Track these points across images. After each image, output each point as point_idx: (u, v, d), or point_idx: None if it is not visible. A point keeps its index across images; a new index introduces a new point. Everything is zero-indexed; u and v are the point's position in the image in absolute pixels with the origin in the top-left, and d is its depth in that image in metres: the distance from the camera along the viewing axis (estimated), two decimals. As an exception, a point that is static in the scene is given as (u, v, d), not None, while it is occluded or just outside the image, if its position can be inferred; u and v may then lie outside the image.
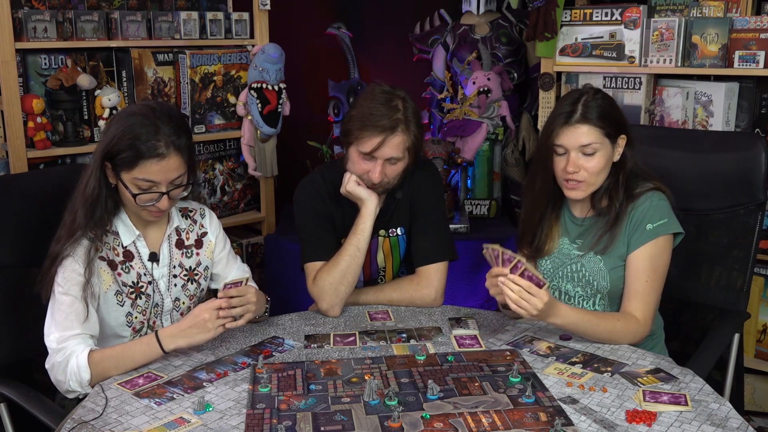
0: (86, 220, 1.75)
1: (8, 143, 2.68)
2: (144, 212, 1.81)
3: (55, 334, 1.71)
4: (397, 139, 1.94)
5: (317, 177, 2.14)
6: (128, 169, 1.73)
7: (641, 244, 1.84)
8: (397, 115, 1.94)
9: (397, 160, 1.97)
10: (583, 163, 1.84)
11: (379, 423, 1.43)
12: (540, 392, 1.55)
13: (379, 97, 1.96)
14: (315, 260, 2.06)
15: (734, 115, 2.65)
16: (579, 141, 1.83)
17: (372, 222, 2.03)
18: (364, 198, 2.02)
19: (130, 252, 1.86)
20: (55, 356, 1.71)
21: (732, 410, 1.47)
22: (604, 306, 1.94)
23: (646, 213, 1.85)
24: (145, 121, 1.73)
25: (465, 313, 2.04)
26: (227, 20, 3.23)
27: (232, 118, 3.27)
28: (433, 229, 2.12)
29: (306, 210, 2.10)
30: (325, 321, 1.99)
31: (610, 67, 2.83)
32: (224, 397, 1.56)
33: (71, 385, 1.68)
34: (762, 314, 2.74)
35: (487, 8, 3.67)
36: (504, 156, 3.58)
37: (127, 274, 1.85)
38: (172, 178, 1.76)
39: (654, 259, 1.84)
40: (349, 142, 1.99)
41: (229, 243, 2.06)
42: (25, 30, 2.66)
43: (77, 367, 1.67)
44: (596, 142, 1.83)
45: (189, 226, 1.97)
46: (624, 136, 1.88)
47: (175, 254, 1.93)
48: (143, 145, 1.71)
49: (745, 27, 2.54)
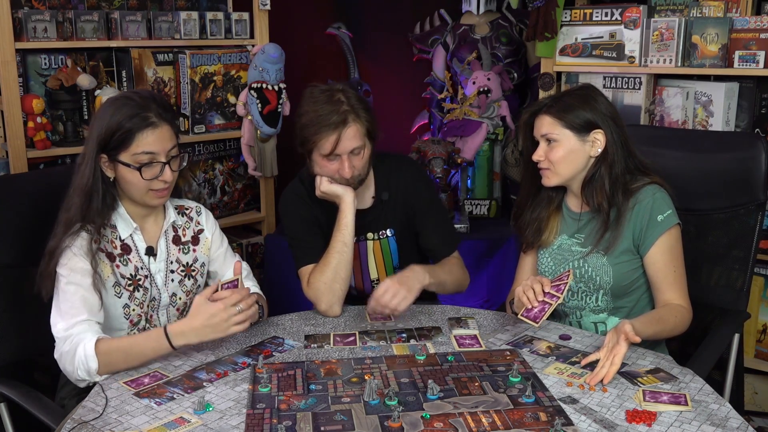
0: (83, 212, 1.76)
1: (8, 143, 2.68)
2: (150, 194, 1.82)
3: (61, 323, 1.71)
4: (352, 130, 1.97)
5: (298, 184, 2.17)
6: (125, 148, 1.76)
7: (657, 236, 1.89)
8: (342, 107, 1.96)
9: (359, 149, 2.00)
10: (546, 152, 1.94)
11: (379, 423, 1.43)
12: (540, 392, 1.55)
13: (320, 97, 1.99)
14: (307, 264, 2.08)
15: (734, 115, 2.65)
16: (540, 130, 1.95)
17: (353, 215, 2.04)
18: (341, 193, 2.04)
19: (127, 245, 1.87)
20: (62, 345, 1.70)
21: (732, 410, 1.47)
22: (606, 302, 1.95)
23: (653, 206, 1.89)
24: (131, 102, 1.79)
25: (465, 313, 2.04)
26: (227, 20, 3.23)
27: (232, 118, 3.27)
28: (440, 222, 2.19)
29: (292, 217, 2.14)
30: (325, 321, 1.99)
31: (610, 67, 2.83)
32: (224, 397, 1.56)
33: (80, 374, 1.67)
34: (762, 314, 2.74)
35: (487, 8, 3.67)
36: (504, 156, 3.58)
37: (125, 267, 1.85)
38: (168, 147, 1.81)
39: (673, 248, 1.91)
40: (309, 150, 2.01)
41: (227, 240, 2.07)
42: (25, 30, 2.66)
43: (85, 357, 1.66)
44: (554, 132, 1.92)
45: (185, 223, 1.99)
46: (600, 131, 1.92)
47: (172, 250, 1.94)
48: (135, 119, 1.76)
49: (745, 27, 2.54)
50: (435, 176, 3.12)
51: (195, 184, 3.28)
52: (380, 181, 2.15)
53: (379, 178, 2.15)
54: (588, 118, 1.92)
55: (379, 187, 2.15)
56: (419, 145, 3.22)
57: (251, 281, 2.07)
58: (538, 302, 1.81)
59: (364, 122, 1.99)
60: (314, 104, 1.98)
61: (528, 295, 1.83)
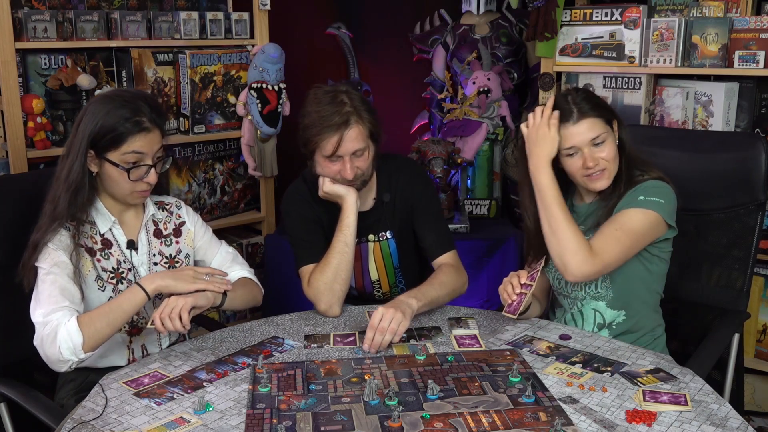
0: (68, 208, 1.78)
1: (8, 143, 2.68)
2: (133, 194, 1.85)
3: (40, 310, 1.71)
4: (354, 132, 1.97)
5: (300, 183, 2.18)
6: (116, 148, 1.79)
7: (625, 207, 1.86)
8: (345, 108, 1.96)
9: (362, 150, 2.00)
10: (597, 154, 1.89)
11: (379, 423, 1.43)
12: (540, 392, 1.55)
13: (324, 99, 1.99)
14: (308, 264, 2.08)
15: (734, 115, 2.65)
16: (588, 136, 1.88)
17: (355, 216, 2.05)
18: (343, 194, 2.04)
19: (108, 240, 1.88)
20: (41, 330, 1.69)
21: (732, 410, 1.47)
22: (606, 289, 1.94)
23: (645, 188, 1.88)
24: (125, 102, 1.81)
25: (465, 313, 2.04)
26: (227, 20, 3.23)
27: (232, 118, 3.27)
28: (437, 221, 2.18)
29: (293, 217, 2.14)
30: (325, 321, 1.99)
31: (610, 67, 2.83)
32: (224, 397, 1.56)
33: (64, 355, 1.65)
34: (762, 314, 2.74)
35: (487, 8, 3.67)
36: (504, 156, 3.58)
37: (106, 261, 1.87)
38: (155, 150, 1.84)
39: (631, 220, 1.84)
40: (312, 151, 2.02)
41: (210, 230, 2.09)
42: (25, 30, 2.66)
43: (68, 333, 1.65)
44: (602, 131, 1.89)
45: (165, 217, 2.01)
46: (615, 120, 1.94)
47: (154, 242, 1.96)
48: (129, 122, 1.79)
49: (745, 27, 2.54)
50: (435, 176, 3.13)
51: (195, 185, 3.28)
52: (382, 182, 2.15)
53: (381, 179, 2.15)
54: (607, 108, 1.94)
55: (380, 188, 2.15)
56: (419, 145, 3.22)
57: (239, 264, 2.07)
58: (516, 296, 1.85)
59: (367, 124, 1.99)
60: (317, 105, 1.99)
61: (507, 291, 1.86)
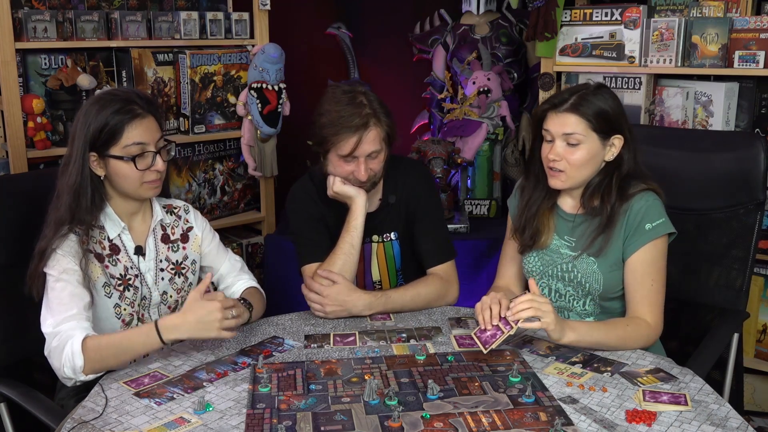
0: (71, 212, 1.77)
1: (8, 143, 2.68)
2: (144, 186, 1.83)
3: (50, 319, 1.71)
4: (372, 134, 1.96)
5: (307, 181, 2.17)
6: (115, 142, 1.78)
7: (641, 245, 1.83)
8: (365, 110, 1.96)
9: (377, 153, 2.00)
10: (565, 152, 1.84)
11: (379, 423, 1.43)
12: (540, 392, 1.55)
13: (343, 98, 1.98)
14: (311, 262, 2.07)
15: (734, 115, 2.65)
16: (563, 129, 1.83)
17: (363, 218, 2.04)
18: (353, 195, 2.03)
19: (116, 245, 1.88)
20: (51, 341, 1.69)
21: (732, 410, 1.47)
22: (594, 306, 1.93)
23: (644, 213, 1.84)
24: (115, 98, 1.81)
25: (465, 313, 2.04)
26: (227, 20, 3.23)
27: (232, 118, 3.27)
28: (438, 229, 2.16)
29: (299, 214, 2.13)
30: (325, 321, 1.99)
31: (610, 67, 2.83)
32: (224, 397, 1.56)
33: (66, 372, 1.66)
34: (762, 314, 2.74)
35: (487, 8, 3.67)
36: (504, 156, 3.58)
37: (114, 267, 1.86)
38: (156, 137, 1.83)
39: (656, 261, 1.84)
40: (327, 150, 2.01)
41: (218, 237, 2.08)
42: (25, 30, 2.66)
43: (71, 354, 1.65)
44: (580, 133, 1.82)
45: (174, 221, 2.00)
46: (620, 137, 1.86)
47: (161, 248, 1.95)
48: (121, 113, 1.78)
49: (745, 27, 2.54)
50: (435, 176, 3.13)
51: (195, 185, 3.28)
52: (388, 184, 2.14)
53: (388, 181, 2.14)
54: (614, 122, 1.85)
55: (387, 190, 2.15)
56: (419, 145, 3.22)
57: (247, 273, 2.08)
58: (492, 326, 1.71)
59: (385, 126, 1.99)
60: (336, 104, 1.97)
61: (484, 315, 1.73)
